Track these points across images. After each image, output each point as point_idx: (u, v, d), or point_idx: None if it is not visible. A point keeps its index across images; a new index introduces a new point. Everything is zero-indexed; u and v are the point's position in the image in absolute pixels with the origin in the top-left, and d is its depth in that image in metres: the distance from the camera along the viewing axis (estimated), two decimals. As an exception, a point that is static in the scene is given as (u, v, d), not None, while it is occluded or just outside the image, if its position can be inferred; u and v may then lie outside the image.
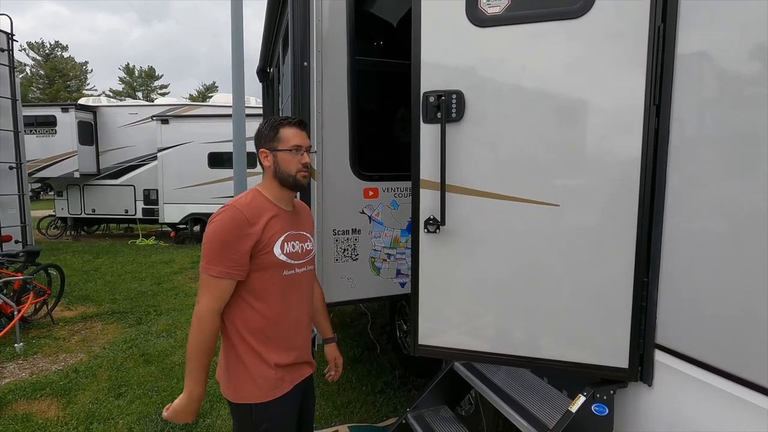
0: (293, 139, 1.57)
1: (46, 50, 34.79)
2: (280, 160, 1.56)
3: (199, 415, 3.15)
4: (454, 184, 1.77)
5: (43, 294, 5.20)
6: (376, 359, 4.11)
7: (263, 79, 5.67)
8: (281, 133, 1.57)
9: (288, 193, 1.62)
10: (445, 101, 1.73)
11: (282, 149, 1.56)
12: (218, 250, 1.44)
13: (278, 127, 1.58)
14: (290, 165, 1.56)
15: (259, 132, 1.62)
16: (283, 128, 1.57)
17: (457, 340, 1.89)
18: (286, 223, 1.58)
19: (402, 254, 2.80)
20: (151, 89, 39.24)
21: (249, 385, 1.52)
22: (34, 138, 10.43)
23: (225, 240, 1.44)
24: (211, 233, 1.46)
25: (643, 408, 1.59)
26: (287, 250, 1.56)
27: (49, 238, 12.11)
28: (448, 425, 2.15)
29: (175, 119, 10.71)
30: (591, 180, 1.62)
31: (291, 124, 1.58)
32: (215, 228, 1.46)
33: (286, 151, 1.56)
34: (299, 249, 1.61)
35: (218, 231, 1.45)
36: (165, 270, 8.14)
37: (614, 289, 1.60)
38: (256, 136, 1.63)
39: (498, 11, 1.67)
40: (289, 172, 1.56)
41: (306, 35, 2.51)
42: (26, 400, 3.44)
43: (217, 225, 1.46)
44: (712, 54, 1.36)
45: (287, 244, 1.56)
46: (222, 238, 1.44)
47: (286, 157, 1.56)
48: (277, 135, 1.57)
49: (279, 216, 1.56)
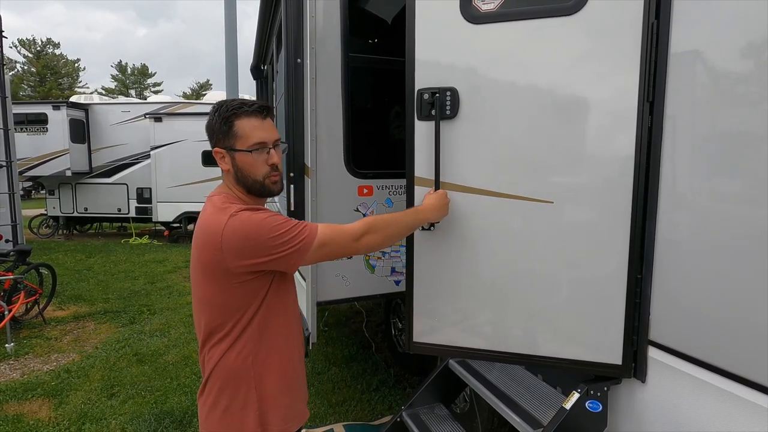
0: (254, 133, 1.20)
1: (38, 47, 34.40)
2: (241, 162, 1.22)
3: (193, 414, 3.14)
4: (448, 182, 1.77)
5: (34, 294, 5.15)
6: (371, 357, 4.11)
7: (257, 77, 5.63)
8: (237, 126, 1.20)
9: (257, 200, 1.32)
10: (439, 98, 1.72)
11: (240, 149, 1.21)
12: (282, 226, 1.18)
13: (232, 119, 1.20)
14: (254, 168, 1.22)
15: (209, 124, 1.25)
16: (238, 119, 1.20)
17: (451, 338, 1.88)
18: None
19: (397, 252, 2.79)
20: (144, 87, 38.94)
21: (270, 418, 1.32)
22: (25, 136, 10.32)
23: (272, 222, 1.19)
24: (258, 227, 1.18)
25: (637, 404, 1.60)
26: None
27: (41, 237, 12.00)
28: (443, 423, 2.15)
29: (168, 117, 10.64)
30: (585, 177, 1.62)
31: (248, 113, 1.20)
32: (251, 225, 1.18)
33: (247, 152, 1.21)
34: None
35: (260, 224, 1.18)
36: (158, 269, 8.09)
37: (608, 285, 1.60)
38: (207, 128, 1.26)
39: (492, 8, 1.66)
40: (255, 178, 1.23)
41: (300, 32, 2.49)
42: (17, 401, 3.41)
43: (250, 224, 1.19)
44: (705, 51, 1.36)
45: None
46: (269, 223, 1.18)
47: (247, 159, 1.21)
48: (232, 129, 1.20)
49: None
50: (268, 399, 1.32)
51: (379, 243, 1.38)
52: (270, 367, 1.33)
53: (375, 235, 1.34)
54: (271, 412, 1.32)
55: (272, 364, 1.33)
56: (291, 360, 1.40)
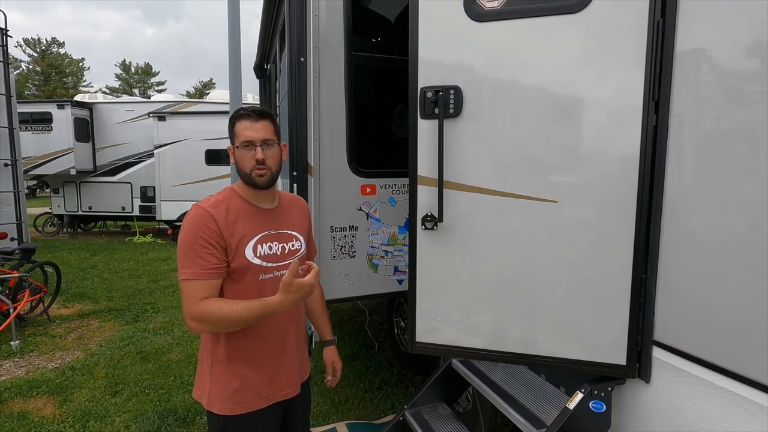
0: (244, 133, 1.44)
1: (43, 46, 34.57)
2: (237, 157, 1.46)
3: (197, 412, 3.15)
4: (451, 181, 1.76)
5: (39, 291, 5.18)
6: (374, 356, 4.11)
7: (260, 76, 5.64)
8: (236, 127, 1.46)
9: (259, 191, 1.49)
10: (442, 97, 1.72)
11: (236, 146, 1.46)
12: (185, 252, 1.37)
13: (234, 121, 1.47)
14: (243, 162, 1.45)
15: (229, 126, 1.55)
16: (237, 121, 1.46)
17: (454, 337, 1.88)
18: (261, 223, 1.48)
19: (400, 251, 2.79)
20: (147, 86, 39.08)
21: (217, 393, 1.47)
22: (30, 135, 10.37)
23: (190, 241, 1.37)
24: (180, 236, 1.40)
25: (641, 405, 1.59)
26: (262, 253, 1.46)
27: (46, 236, 12.07)
28: (445, 422, 2.15)
29: (171, 116, 10.67)
30: (589, 176, 1.61)
31: (244, 116, 1.45)
32: (182, 230, 1.39)
33: (238, 148, 1.45)
34: (278, 250, 1.51)
35: (183, 232, 1.38)
36: (162, 267, 8.12)
37: (612, 285, 1.59)
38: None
39: (496, 6, 1.65)
40: (244, 171, 1.45)
41: (303, 31, 2.49)
42: (22, 398, 3.43)
43: (183, 226, 1.40)
44: (711, 50, 1.35)
45: (261, 246, 1.46)
46: (187, 239, 1.37)
47: (239, 153, 1.45)
48: (233, 129, 1.47)
49: (253, 215, 1.47)
50: (218, 373, 1.48)
51: (215, 331, 1.46)
52: (223, 341, 1.47)
53: (207, 325, 1.40)
54: (216, 392, 1.48)
55: (226, 338, 1.47)
56: (248, 342, 1.48)
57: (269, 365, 1.52)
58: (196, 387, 1.55)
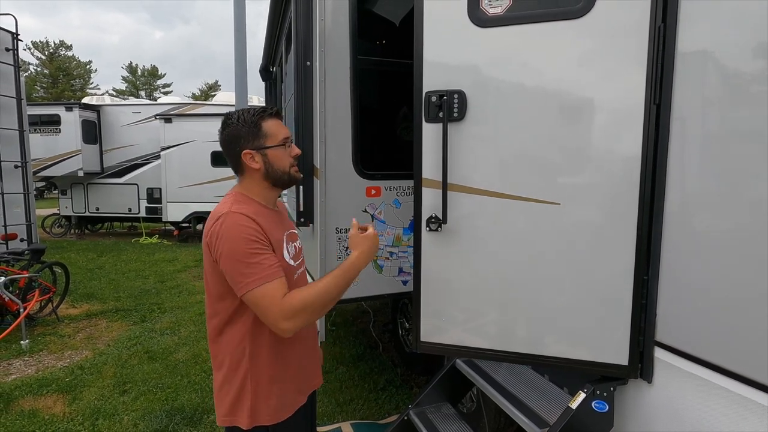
0: (281, 131, 1.40)
1: (51, 49, 34.92)
2: (272, 158, 1.39)
3: (204, 411, 3.19)
4: (455, 183, 1.79)
5: (48, 292, 5.25)
6: (379, 357, 4.13)
7: (266, 78, 5.68)
8: (264, 127, 1.38)
9: (277, 192, 1.49)
10: (447, 101, 1.74)
11: (272, 146, 1.38)
12: (242, 261, 1.26)
13: (259, 122, 1.38)
14: (283, 161, 1.40)
15: (234, 132, 1.38)
16: (264, 122, 1.38)
17: (458, 338, 1.90)
18: (280, 225, 1.47)
19: (404, 252, 2.82)
20: (153, 88, 39.36)
21: (262, 406, 1.39)
22: (39, 137, 10.51)
23: (242, 249, 1.27)
24: (226, 247, 1.27)
25: (643, 405, 1.60)
26: (291, 253, 1.45)
27: (54, 237, 12.20)
28: (450, 422, 2.16)
29: (178, 118, 10.76)
30: (592, 179, 1.63)
31: (271, 116, 1.40)
32: (225, 241, 1.27)
33: (278, 147, 1.39)
34: (296, 248, 1.51)
35: (230, 241, 1.27)
36: (168, 268, 8.19)
37: (614, 286, 1.61)
38: (231, 136, 1.39)
39: (499, 11, 1.68)
40: (284, 170, 1.41)
41: (309, 34, 2.53)
42: (32, 396, 3.48)
43: (226, 237, 1.28)
44: (712, 54, 1.36)
45: (288, 246, 1.45)
46: (238, 248, 1.27)
47: (278, 153, 1.39)
48: (261, 131, 1.38)
49: (270, 217, 1.42)
50: (261, 388, 1.39)
51: (311, 321, 1.36)
52: (261, 356, 1.39)
53: (302, 317, 1.29)
54: (262, 403, 1.39)
55: (263, 353, 1.39)
56: (282, 348, 1.43)
57: (303, 359, 1.52)
58: (227, 413, 1.40)
